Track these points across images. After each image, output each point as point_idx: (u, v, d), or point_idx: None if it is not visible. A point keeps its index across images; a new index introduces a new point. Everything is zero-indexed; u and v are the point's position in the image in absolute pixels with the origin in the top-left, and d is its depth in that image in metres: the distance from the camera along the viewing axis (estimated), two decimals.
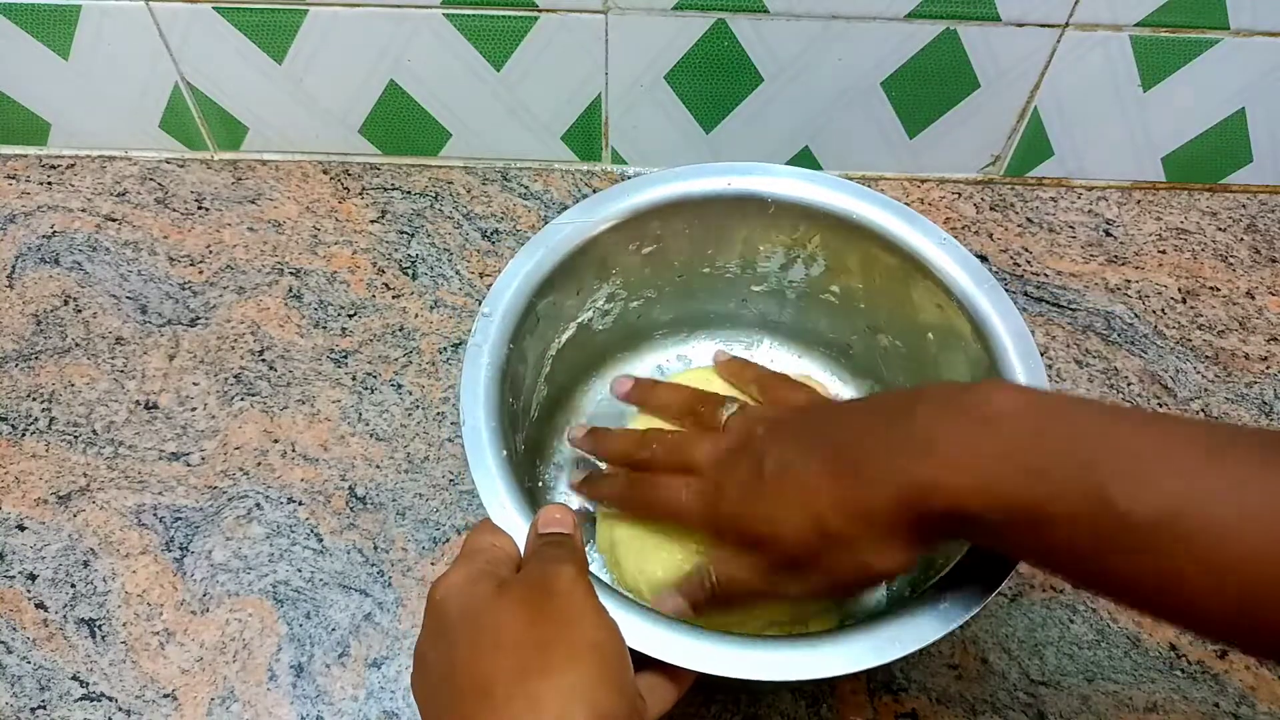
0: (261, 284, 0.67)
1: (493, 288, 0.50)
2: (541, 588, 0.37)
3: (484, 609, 0.36)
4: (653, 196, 0.54)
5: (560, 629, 0.35)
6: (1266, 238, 0.71)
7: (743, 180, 0.54)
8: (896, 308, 0.55)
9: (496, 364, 0.48)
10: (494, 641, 0.35)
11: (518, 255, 0.51)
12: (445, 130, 0.71)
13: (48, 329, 0.64)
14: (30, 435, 0.60)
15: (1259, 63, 0.65)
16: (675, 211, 0.54)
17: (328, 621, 0.54)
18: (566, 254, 0.52)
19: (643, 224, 0.54)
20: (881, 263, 0.54)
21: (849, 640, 0.40)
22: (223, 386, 0.62)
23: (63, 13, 0.64)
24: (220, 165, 0.73)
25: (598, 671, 0.34)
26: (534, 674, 0.34)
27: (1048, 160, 0.72)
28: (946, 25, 0.63)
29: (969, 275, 0.51)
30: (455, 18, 0.64)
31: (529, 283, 0.50)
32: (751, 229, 0.56)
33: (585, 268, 0.54)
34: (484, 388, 0.47)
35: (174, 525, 0.57)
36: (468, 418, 0.45)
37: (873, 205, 0.53)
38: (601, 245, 0.53)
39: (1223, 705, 0.52)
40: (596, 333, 0.57)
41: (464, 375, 0.47)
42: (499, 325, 0.49)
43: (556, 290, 0.52)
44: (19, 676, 0.52)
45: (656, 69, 0.66)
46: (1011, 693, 0.52)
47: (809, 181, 0.54)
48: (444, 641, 0.36)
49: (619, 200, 0.53)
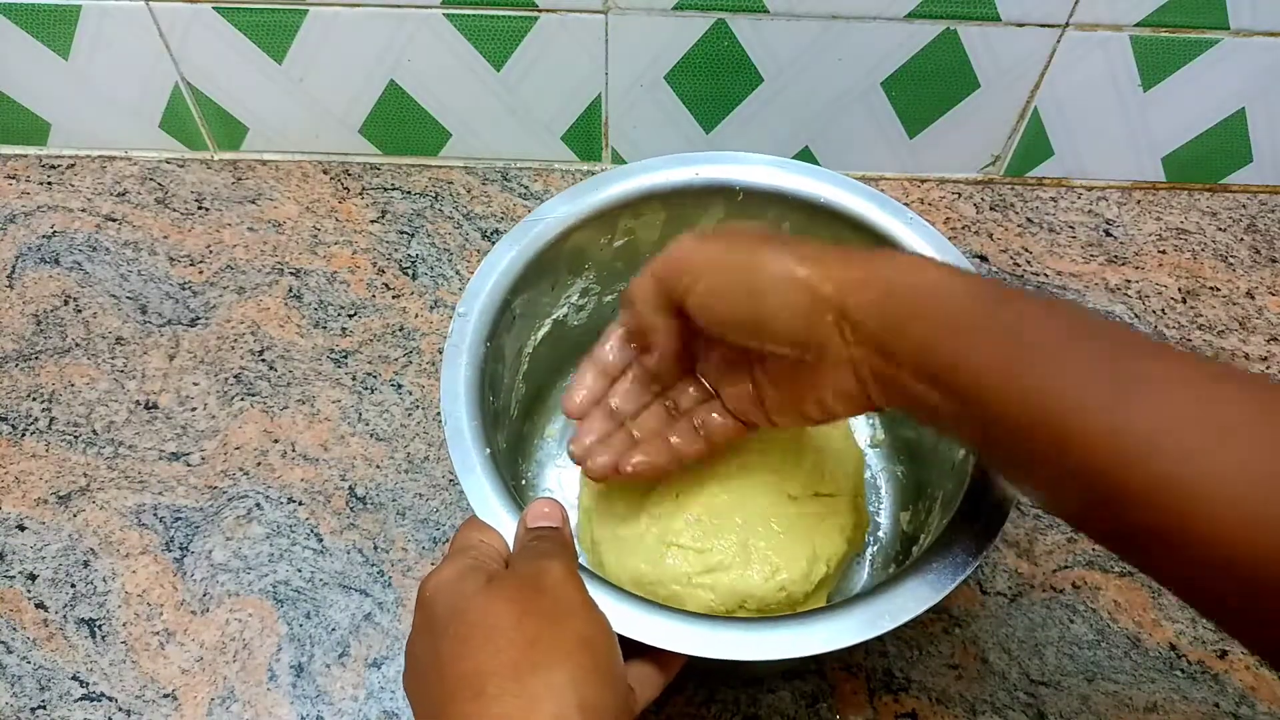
0: (261, 284, 0.67)
1: (468, 287, 0.50)
2: (531, 583, 0.37)
3: (473, 605, 0.36)
4: (623, 189, 0.54)
5: (550, 624, 0.35)
6: (1266, 238, 0.71)
7: (710, 169, 0.54)
8: None
9: (475, 364, 0.48)
10: (485, 637, 0.35)
11: (490, 253, 0.51)
12: (445, 130, 0.71)
13: (48, 329, 0.64)
14: (30, 435, 0.60)
15: (1259, 63, 0.65)
16: (645, 204, 0.54)
17: (328, 621, 0.54)
18: (539, 250, 0.52)
19: (614, 218, 0.54)
20: (852, 245, 0.54)
21: (838, 617, 0.40)
22: (223, 386, 0.62)
23: (63, 13, 0.64)
24: (220, 165, 0.73)
25: (589, 666, 0.35)
26: (525, 669, 0.34)
27: (1048, 160, 0.72)
28: (946, 25, 0.63)
29: (938, 252, 0.51)
30: (455, 18, 0.64)
31: (504, 280, 0.51)
32: (722, 218, 0.56)
33: (559, 263, 0.54)
34: (464, 387, 0.47)
35: (174, 525, 0.57)
36: (449, 418, 0.46)
37: (839, 188, 0.53)
38: (574, 240, 0.53)
39: (1223, 705, 0.52)
40: (572, 328, 0.58)
41: (444, 376, 0.47)
42: (475, 324, 0.49)
43: (531, 287, 0.52)
44: (19, 676, 0.52)
45: (656, 69, 0.66)
46: (1011, 693, 0.52)
47: (776, 168, 0.54)
48: (434, 637, 0.36)
49: (590, 194, 0.53)
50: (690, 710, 0.51)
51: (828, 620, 0.41)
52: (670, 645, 0.39)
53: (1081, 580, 0.56)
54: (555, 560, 0.38)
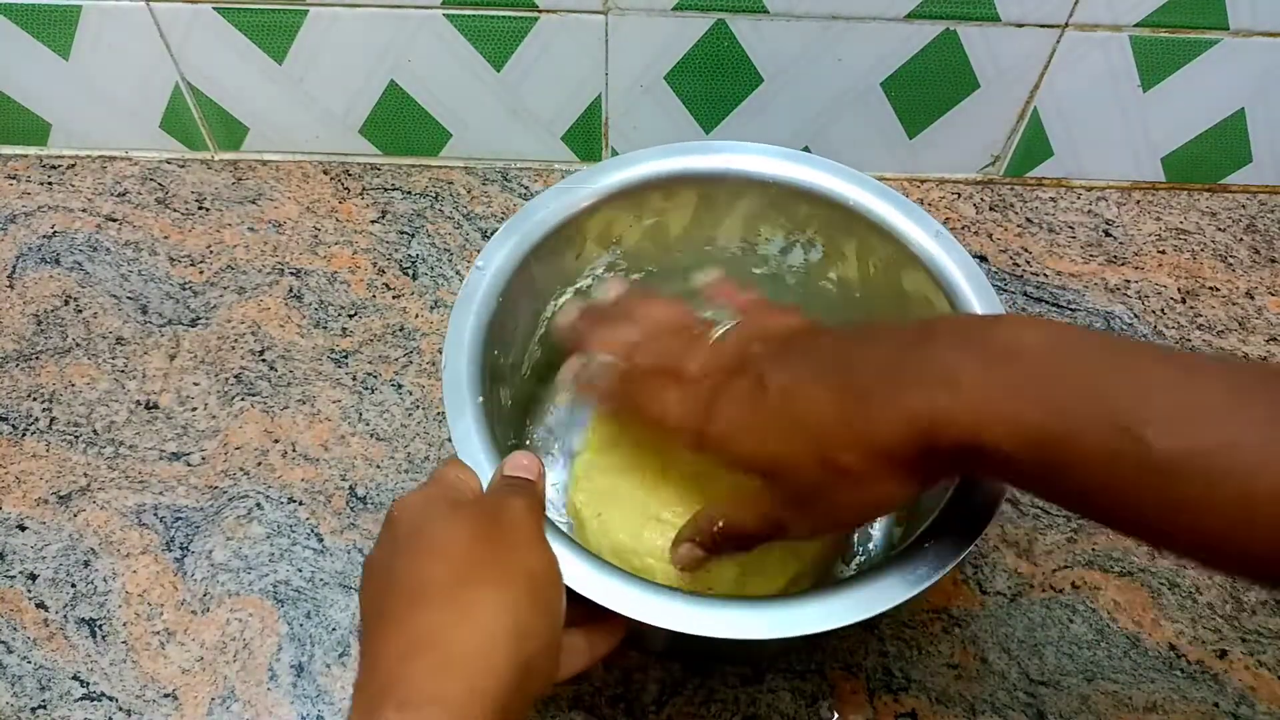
0: (262, 284, 0.67)
1: (489, 242, 0.51)
2: (490, 513, 0.40)
3: (434, 526, 0.39)
4: (656, 169, 0.54)
5: (500, 551, 0.38)
6: (1266, 238, 0.71)
7: (741, 160, 0.55)
8: (892, 298, 0.55)
9: (483, 315, 0.49)
10: (438, 553, 0.38)
11: (516, 215, 0.52)
12: (445, 130, 0.71)
13: (48, 329, 0.65)
14: (31, 435, 0.60)
15: (1259, 63, 0.65)
16: (679, 185, 0.55)
17: (328, 621, 0.54)
18: (567, 217, 0.53)
19: (645, 196, 0.55)
20: (877, 252, 0.54)
21: (825, 599, 0.41)
22: (223, 386, 0.62)
23: (63, 13, 0.64)
24: (221, 165, 0.74)
25: (527, 594, 0.37)
26: (469, 584, 0.36)
27: (1047, 160, 0.72)
28: (946, 25, 0.63)
29: (960, 269, 0.51)
30: (455, 18, 0.64)
31: (526, 241, 0.52)
32: (751, 209, 0.56)
33: (586, 233, 0.54)
34: (469, 336, 0.48)
35: (174, 525, 0.57)
36: (449, 363, 0.47)
37: (870, 193, 0.54)
38: (603, 213, 0.54)
39: (1222, 705, 0.52)
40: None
41: (451, 323, 0.48)
42: (490, 279, 0.50)
43: (554, 253, 0.53)
44: (19, 676, 0.52)
45: (656, 69, 0.67)
46: (1011, 693, 0.52)
47: (808, 166, 0.55)
48: (393, 551, 0.39)
49: (622, 170, 0.54)
50: (690, 710, 0.51)
51: (812, 603, 0.41)
52: (616, 606, 0.40)
53: (1081, 580, 0.56)
54: (520, 499, 0.40)
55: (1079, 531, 0.57)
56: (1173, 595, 0.55)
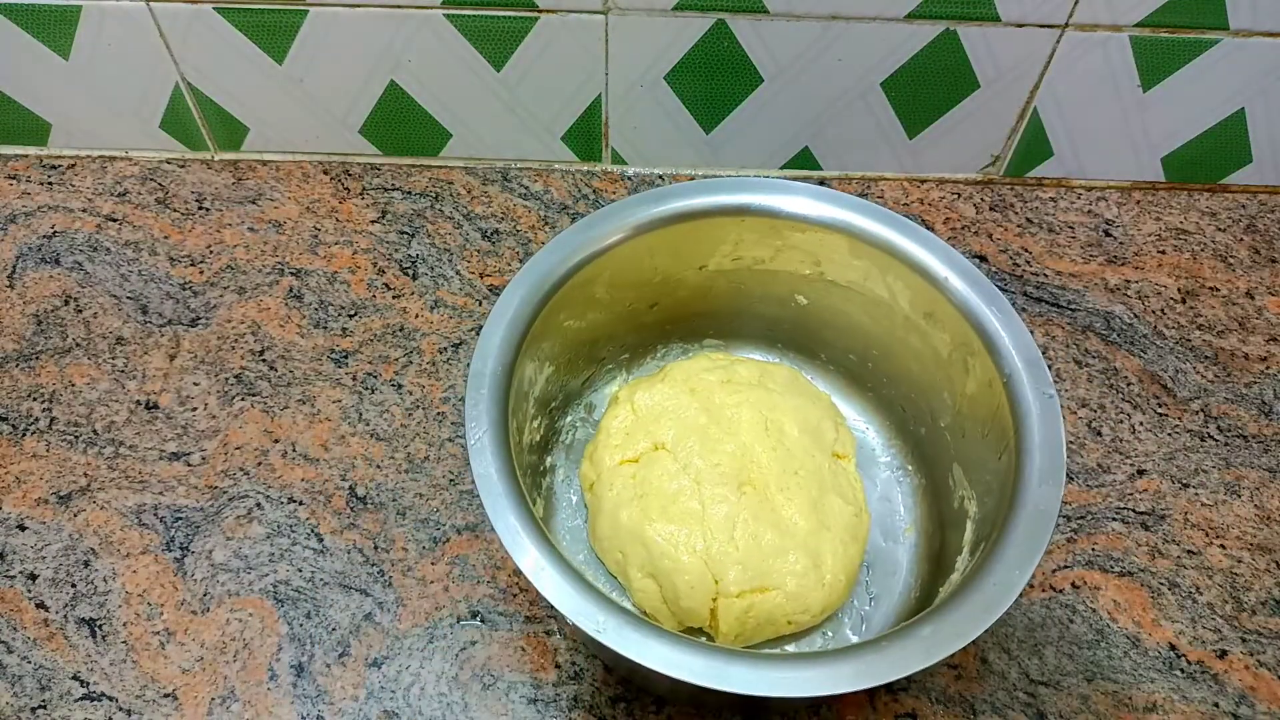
0: (262, 284, 0.67)
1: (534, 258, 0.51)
2: None
3: None
4: (685, 204, 0.54)
5: None
6: (1266, 238, 0.71)
7: (763, 198, 0.55)
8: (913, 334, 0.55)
9: (495, 421, 0.47)
10: None
11: (557, 237, 0.53)
12: (445, 130, 0.71)
13: (48, 329, 0.65)
14: (31, 435, 0.60)
15: (1259, 63, 0.65)
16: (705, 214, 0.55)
17: (328, 621, 0.54)
18: (575, 263, 0.53)
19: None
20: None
21: (834, 663, 0.40)
22: (223, 386, 0.62)
23: (63, 13, 0.64)
24: (221, 165, 0.74)
25: None
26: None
27: (1047, 160, 0.72)
28: (946, 25, 0.63)
29: (983, 296, 0.51)
30: (455, 18, 0.64)
31: (535, 295, 0.51)
32: (778, 247, 0.57)
33: (590, 286, 0.54)
34: (490, 447, 0.46)
35: (174, 525, 0.57)
36: (481, 479, 0.45)
37: (869, 218, 0.54)
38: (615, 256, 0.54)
39: (1222, 705, 0.52)
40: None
41: (472, 460, 0.46)
42: (499, 340, 0.49)
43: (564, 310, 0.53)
44: (19, 676, 0.52)
45: (656, 69, 0.67)
46: (1011, 693, 0.52)
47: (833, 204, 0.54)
48: None
49: (659, 204, 0.54)
50: (690, 709, 0.52)
51: (824, 666, 0.40)
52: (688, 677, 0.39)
53: (1081, 580, 0.56)
54: None
55: (1079, 531, 0.57)
56: (1173, 595, 0.55)
